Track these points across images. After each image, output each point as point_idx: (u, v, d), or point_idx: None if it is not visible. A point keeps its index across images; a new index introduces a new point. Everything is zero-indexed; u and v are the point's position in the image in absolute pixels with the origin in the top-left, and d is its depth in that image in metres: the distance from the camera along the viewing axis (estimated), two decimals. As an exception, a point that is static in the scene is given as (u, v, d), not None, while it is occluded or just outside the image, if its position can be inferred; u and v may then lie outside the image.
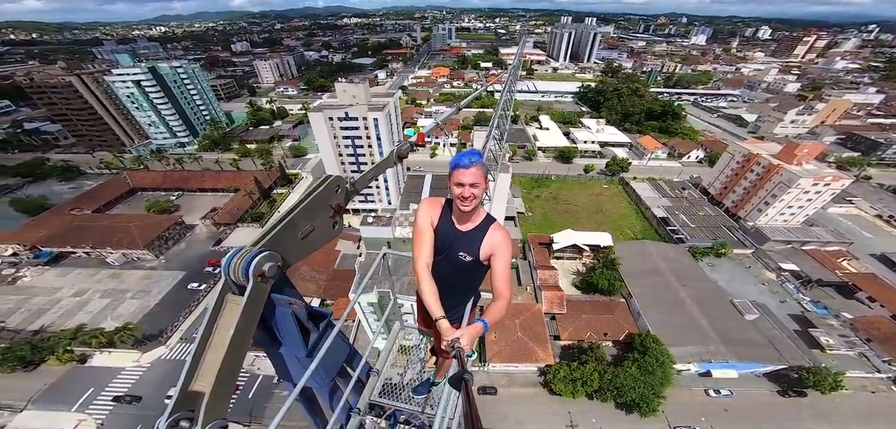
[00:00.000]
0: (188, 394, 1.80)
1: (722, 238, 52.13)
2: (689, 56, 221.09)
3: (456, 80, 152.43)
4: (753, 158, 57.37)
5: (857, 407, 33.10)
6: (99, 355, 35.98)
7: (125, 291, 44.02)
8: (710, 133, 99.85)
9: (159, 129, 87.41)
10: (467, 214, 2.99)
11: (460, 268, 3.19)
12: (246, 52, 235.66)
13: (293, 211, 2.38)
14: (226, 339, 1.85)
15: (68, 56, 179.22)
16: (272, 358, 2.79)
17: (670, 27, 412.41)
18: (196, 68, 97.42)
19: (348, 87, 52.15)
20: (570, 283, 46.07)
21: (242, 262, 1.96)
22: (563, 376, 31.70)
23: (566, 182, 73.18)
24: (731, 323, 37.97)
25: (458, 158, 2.82)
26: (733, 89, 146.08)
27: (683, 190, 65.06)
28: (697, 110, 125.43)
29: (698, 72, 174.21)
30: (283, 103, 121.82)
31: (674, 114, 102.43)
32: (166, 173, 70.67)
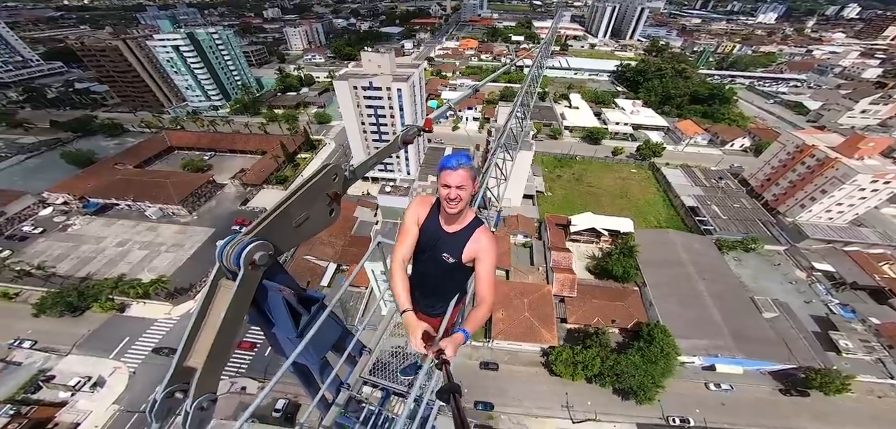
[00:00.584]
0: (183, 369, 1.93)
1: (754, 232, 48.38)
2: (751, 35, 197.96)
3: (484, 53, 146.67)
4: (807, 149, 51.35)
5: (860, 410, 32.21)
6: (136, 305, 37.76)
7: (161, 244, 46.25)
8: (762, 120, 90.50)
9: (195, 92, 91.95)
10: (454, 215, 2.98)
11: (444, 268, 3.21)
12: (277, 18, 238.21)
13: (289, 200, 2.41)
14: (217, 321, 1.96)
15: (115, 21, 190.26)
16: (267, 336, 2.97)
17: (733, 3, 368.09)
18: (230, 34, 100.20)
19: (374, 56, 51.61)
20: (583, 266, 44.64)
21: (235, 250, 2.04)
22: (565, 359, 31.51)
23: (592, 164, 69.63)
24: (746, 320, 36.35)
25: (446, 160, 2.82)
26: (799, 73, 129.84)
27: (720, 180, 59.98)
28: (752, 95, 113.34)
29: (759, 53, 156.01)
30: (311, 71, 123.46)
31: (723, 98, 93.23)
32: (200, 134, 74.78)
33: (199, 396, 1.87)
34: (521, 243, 47.11)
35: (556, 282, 38.57)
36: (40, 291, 38.46)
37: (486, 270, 2.97)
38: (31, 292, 38.97)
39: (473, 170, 2.85)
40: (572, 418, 30.50)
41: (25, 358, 33.71)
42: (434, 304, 3.77)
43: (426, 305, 3.83)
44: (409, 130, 3.94)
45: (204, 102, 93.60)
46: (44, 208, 52.32)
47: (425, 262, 3.35)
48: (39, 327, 35.78)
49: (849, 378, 31.88)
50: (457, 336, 2.52)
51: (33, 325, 35.95)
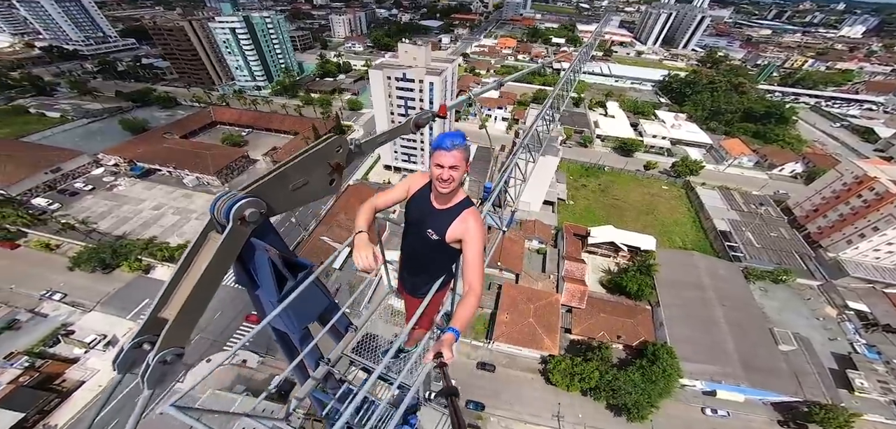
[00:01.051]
0: (157, 320, 1.88)
1: (788, 264, 45.05)
2: (829, 50, 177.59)
3: (522, 53, 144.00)
4: (867, 181, 46.05)
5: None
6: (160, 268, 38.32)
7: (192, 211, 48.03)
8: (821, 145, 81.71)
9: (243, 72, 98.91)
10: (444, 195, 2.94)
11: (427, 245, 3.17)
12: (324, 5, 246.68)
13: (288, 163, 2.44)
14: (198, 273, 1.91)
15: (185, 3, 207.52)
16: (252, 298, 2.93)
17: (815, 14, 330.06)
18: (281, 19, 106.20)
19: (411, 48, 52.54)
20: (597, 279, 43.52)
21: (226, 204, 2.03)
22: (563, 369, 31.24)
23: (620, 176, 66.84)
24: (760, 350, 35.01)
25: (441, 140, 2.75)
26: (876, 95, 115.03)
27: (760, 205, 55.32)
28: (815, 116, 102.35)
29: (834, 70, 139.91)
30: (349, 58, 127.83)
31: (780, 117, 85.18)
32: (241, 112, 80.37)
33: (164, 348, 1.79)
34: (535, 249, 46.66)
35: (566, 292, 37.97)
36: (79, 244, 40.06)
37: (473, 255, 2.84)
38: (71, 246, 40.49)
39: (466, 149, 2.82)
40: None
41: (53, 310, 34.48)
42: (419, 284, 3.72)
43: (412, 284, 3.84)
44: (422, 114, 3.92)
45: (249, 82, 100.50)
46: (96, 168, 57.02)
47: (411, 237, 3.34)
48: (72, 281, 36.83)
49: (854, 416, 30.40)
50: (447, 337, 2.42)
51: (67, 278, 37.15)
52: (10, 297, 35.41)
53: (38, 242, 40.73)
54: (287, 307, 2.78)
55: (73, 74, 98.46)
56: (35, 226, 42.93)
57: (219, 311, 35.14)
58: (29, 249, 40.71)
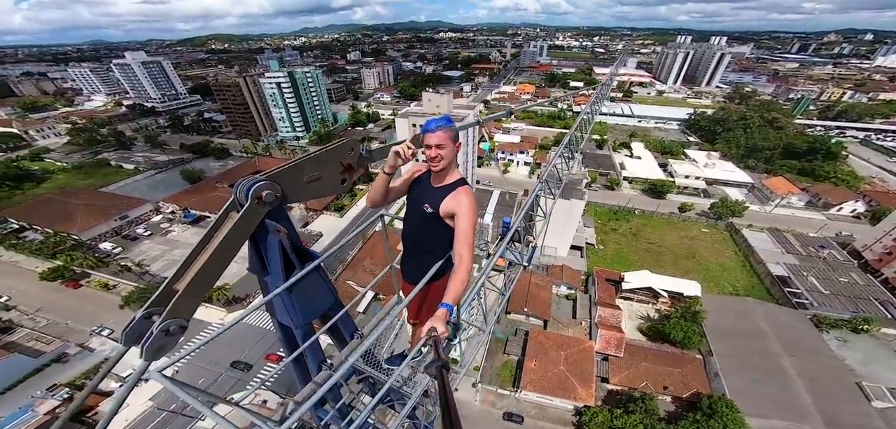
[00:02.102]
0: (168, 291, 1.93)
1: (868, 312, 39.11)
2: (867, 81, 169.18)
3: (541, 98, 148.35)
4: (949, 221, 40.91)
5: None
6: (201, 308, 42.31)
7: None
8: (882, 181, 74.69)
9: (285, 123, 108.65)
10: (438, 173, 3.31)
11: (423, 219, 3.44)
12: (357, 60, 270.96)
13: (305, 156, 2.64)
14: (213, 247, 1.99)
15: (242, 62, 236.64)
16: (262, 286, 3.02)
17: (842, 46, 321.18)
18: (319, 74, 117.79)
19: (434, 96, 56.42)
20: (634, 326, 40.29)
21: (246, 184, 2.21)
22: (601, 422, 28.13)
23: (653, 219, 63.98)
24: (847, 406, 30.01)
25: (426, 124, 3.16)
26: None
27: (822, 248, 50.12)
28: (867, 151, 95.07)
29: (879, 101, 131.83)
30: (378, 108, 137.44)
31: (828, 152, 79.89)
32: (281, 160, 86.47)
33: (169, 318, 1.81)
34: (564, 295, 44.54)
35: (601, 338, 35.36)
36: (133, 285, 42.84)
37: (463, 227, 3.03)
38: (126, 286, 43.48)
39: (452, 130, 3.15)
40: None
41: (99, 346, 36.46)
42: (415, 265, 3.80)
43: (411, 268, 4.00)
44: None
45: (290, 133, 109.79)
46: (156, 215, 62.95)
47: (409, 215, 3.63)
48: (121, 319, 38.35)
49: None
50: (440, 312, 2.50)
51: (117, 316, 39.10)
52: (65, 332, 37.84)
53: (97, 283, 44.05)
54: (291, 297, 2.81)
55: (148, 129, 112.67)
56: (98, 268, 46.49)
57: (246, 349, 35.71)
58: (89, 289, 43.93)
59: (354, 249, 52.34)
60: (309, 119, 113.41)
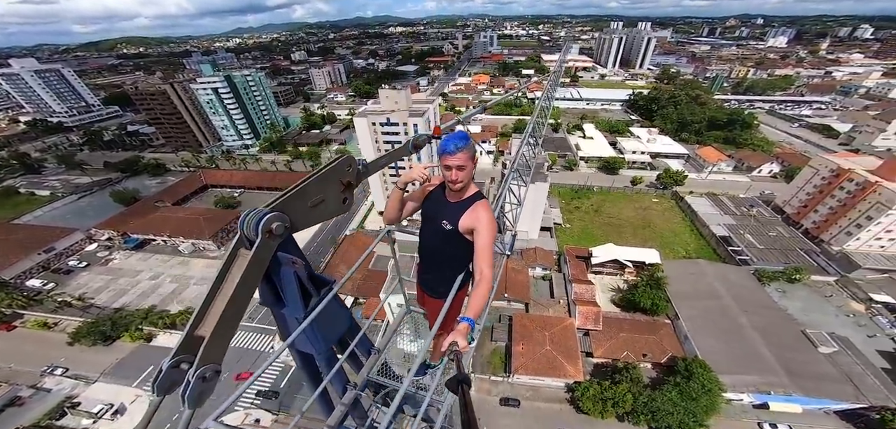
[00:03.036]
0: (193, 338, 1.93)
1: (797, 262, 45.37)
2: (765, 60, 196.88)
3: (496, 87, 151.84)
4: (844, 173, 49.06)
5: None
6: (162, 335, 39.06)
7: (190, 277, 48.42)
8: (788, 145, 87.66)
9: (230, 132, 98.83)
10: (455, 191, 3.23)
11: (442, 236, 3.37)
12: (303, 60, 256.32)
13: (307, 180, 2.56)
14: (231, 289, 1.97)
15: (165, 67, 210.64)
16: (277, 319, 2.97)
17: (741, 29, 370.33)
18: (261, 76, 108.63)
19: (391, 93, 54.79)
20: (608, 299, 43.02)
21: (254, 219, 2.12)
22: (593, 395, 29.70)
23: (610, 194, 68.78)
24: (801, 355, 33.48)
25: (446, 144, 3.01)
26: (821, 96, 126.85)
27: (751, 207, 57.60)
28: (773, 119, 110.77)
29: (776, 77, 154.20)
30: (333, 109, 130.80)
31: (743, 123, 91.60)
32: (232, 172, 79.56)
33: (202, 365, 1.82)
34: (540, 276, 46.20)
35: (580, 314, 37.20)
36: (78, 320, 40.62)
37: (483, 244, 3.03)
38: (69, 322, 41.20)
39: (471, 148, 3.04)
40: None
41: (55, 384, 35.19)
42: (437, 281, 3.82)
43: (427, 279, 3.98)
44: (419, 136, 4.16)
45: (237, 141, 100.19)
46: (90, 244, 56.40)
47: (427, 231, 3.57)
48: (73, 356, 37.51)
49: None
50: (461, 326, 2.48)
51: (67, 353, 37.76)
52: (11, 375, 36.08)
53: (35, 322, 41.32)
54: (313, 325, 2.81)
55: (59, 148, 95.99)
56: (31, 307, 43.52)
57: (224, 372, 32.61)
58: (26, 330, 41.20)
59: (326, 257, 50.78)
60: (256, 125, 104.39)
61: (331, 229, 61.72)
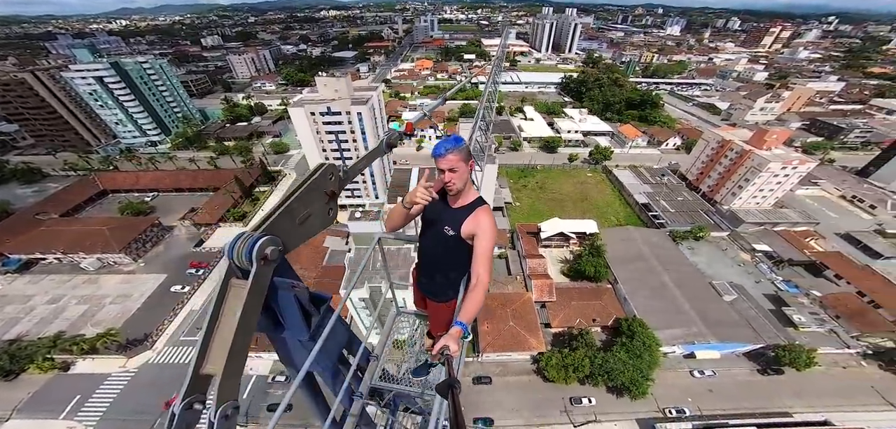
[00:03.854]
0: (199, 377, 1.84)
1: (700, 222, 54.39)
2: (664, 47, 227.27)
3: (440, 73, 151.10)
4: (727, 144, 59.96)
5: (831, 383, 34.38)
6: (82, 361, 35.18)
7: (104, 296, 42.69)
8: (686, 121, 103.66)
9: (127, 127, 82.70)
10: (455, 195, 3.24)
11: (444, 242, 3.36)
12: (218, 46, 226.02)
13: (291, 197, 2.41)
14: (233, 322, 1.88)
15: (20, 51, 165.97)
16: (275, 343, 2.81)
17: (647, 18, 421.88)
18: (163, 63, 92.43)
19: (329, 81, 51.18)
20: (558, 271, 47.06)
21: (245, 246, 1.99)
22: (556, 363, 32.31)
23: (552, 172, 74.35)
24: (711, 305, 39.06)
25: (436, 148, 3.03)
26: (707, 79, 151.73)
27: (663, 176, 67.39)
28: (673, 99, 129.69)
29: (673, 62, 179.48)
30: (261, 99, 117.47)
31: (652, 103, 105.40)
32: (139, 174, 67.19)
33: (222, 403, 1.80)
34: (497, 255, 48.48)
35: (535, 288, 40.11)
36: None
37: (482, 248, 3.05)
38: None
39: (463, 151, 3.05)
40: (573, 423, 30.94)
41: None
42: (439, 286, 3.84)
43: (428, 284, 4.00)
44: (391, 134, 4.07)
45: (139, 138, 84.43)
46: None
47: (428, 236, 3.58)
48: None
49: (812, 352, 33.88)
50: (454, 330, 2.52)
51: None
52: None
53: None
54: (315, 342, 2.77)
55: None
56: None
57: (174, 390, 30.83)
58: None
59: None
60: (164, 119, 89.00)
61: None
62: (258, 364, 35.17)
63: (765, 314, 38.74)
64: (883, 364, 35.57)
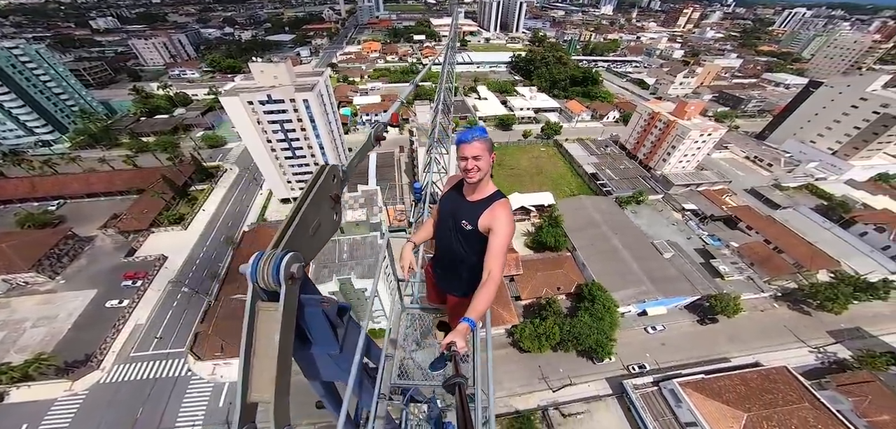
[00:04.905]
0: (247, 407, 1.85)
1: (639, 187, 60.38)
2: (600, 26, 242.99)
3: (389, 55, 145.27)
4: (655, 116, 66.86)
5: (755, 326, 38.64)
6: (16, 390, 32.02)
7: (22, 320, 37.87)
8: (622, 96, 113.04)
9: (6, 125, 67.13)
10: (473, 185, 3.18)
11: (462, 236, 3.35)
12: (115, 29, 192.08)
13: (301, 207, 2.35)
14: (272, 347, 1.86)
15: None
16: (299, 359, 2.72)
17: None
18: (41, 49, 75.89)
19: (267, 67, 46.38)
20: (522, 243, 49.33)
21: (270, 266, 1.93)
22: (529, 334, 33.76)
23: (508, 148, 76.73)
24: (654, 263, 42.74)
25: (463, 135, 3.01)
26: (636, 56, 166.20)
27: (606, 148, 73.30)
28: (610, 76, 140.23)
29: (608, 40, 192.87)
30: (183, 89, 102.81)
31: (593, 80, 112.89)
32: (34, 180, 55.29)
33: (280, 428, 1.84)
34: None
35: (504, 263, 41.63)
36: None
37: (497, 243, 3.02)
38: None
39: (488, 141, 3.05)
40: (551, 387, 32.92)
41: None
42: (452, 279, 3.86)
43: (444, 278, 4.03)
44: (377, 127, 4.10)
45: (25, 138, 69.17)
46: None
47: (445, 230, 3.58)
48: None
49: (737, 299, 37.34)
50: (462, 326, 2.53)
51: None
52: None
53: None
54: (345, 353, 2.83)
55: None
56: None
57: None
58: None
59: (226, 260, 44.59)
60: (55, 114, 73.82)
61: (225, 227, 51.52)
62: (230, 372, 33.19)
63: (697, 268, 43.10)
64: (790, 304, 41.41)
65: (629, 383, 32.00)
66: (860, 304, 40.48)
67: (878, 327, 38.86)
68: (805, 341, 37.69)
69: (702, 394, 28.59)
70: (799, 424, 26.42)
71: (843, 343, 37.29)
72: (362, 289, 32.02)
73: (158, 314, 38.23)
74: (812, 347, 37.07)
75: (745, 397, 28.17)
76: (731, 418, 27.02)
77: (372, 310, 5.05)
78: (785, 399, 27.83)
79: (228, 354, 32.58)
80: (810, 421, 26.47)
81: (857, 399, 29.17)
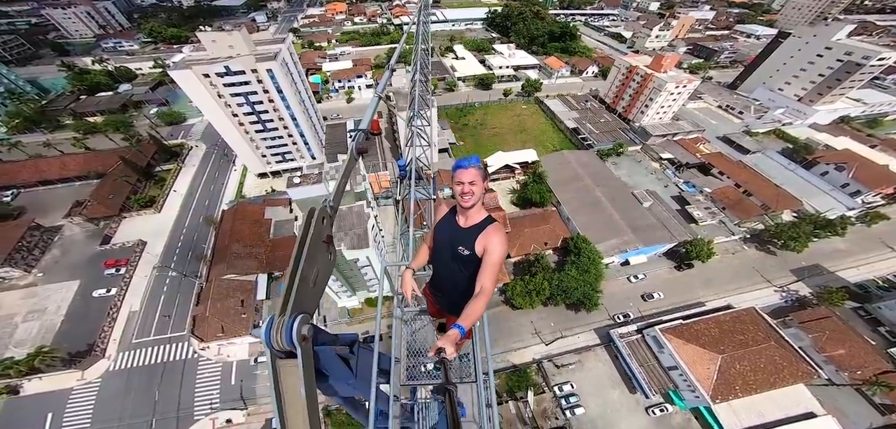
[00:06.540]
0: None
1: (619, 139, 61.47)
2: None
3: (357, 16, 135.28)
4: (633, 69, 66.93)
5: (727, 269, 40.31)
6: (28, 383, 32.21)
7: (11, 315, 37.01)
8: (600, 50, 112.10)
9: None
10: (467, 210, 3.36)
11: (460, 262, 3.46)
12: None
13: (298, 267, 2.36)
14: (300, 399, 2.03)
15: None
16: (322, 390, 2.99)
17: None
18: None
19: (219, 36, 42.05)
20: (508, 201, 49.68)
21: (283, 335, 2.09)
22: (520, 291, 34.47)
23: (489, 108, 75.28)
24: (634, 213, 44.05)
25: (458, 162, 3.25)
26: (613, 9, 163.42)
27: (586, 102, 73.36)
28: (588, 30, 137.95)
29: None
30: (123, 62, 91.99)
31: (571, 35, 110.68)
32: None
33: None
34: (450, 196, 48.84)
35: (492, 223, 41.89)
36: None
37: (490, 262, 3.15)
38: None
39: (482, 169, 3.30)
40: (544, 342, 34.20)
41: None
42: (452, 301, 3.90)
43: (445, 301, 4.16)
44: (359, 138, 4.10)
45: (-58, 127, 60.52)
46: None
47: (443, 258, 3.70)
48: None
49: (710, 243, 38.71)
50: (452, 333, 2.63)
51: None
52: None
53: None
54: (361, 377, 3.15)
55: None
56: None
57: None
58: None
59: (209, 241, 43.24)
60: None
61: (201, 208, 49.16)
62: (236, 350, 33.75)
63: (674, 215, 44.84)
64: (758, 245, 43.96)
65: (615, 332, 33.42)
66: (820, 241, 43.31)
67: (836, 263, 41.80)
68: (771, 280, 40.28)
69: (681, 338, 30.06)
70: (767, 362, 28.42)
71: (804, 281, 39.90)
72: (354, 260, 31.49)
73: (150, 301, 37.47)
74: (777, 286, 39.69)
75: (718, 340, 29.72)
76: (708, 361, 28.61)
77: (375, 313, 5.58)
78: (754, 339, 29.56)
79: (230, 334, 32.89)
80: (776, 359, 28.47)
81: (816, 335, 31.68)
